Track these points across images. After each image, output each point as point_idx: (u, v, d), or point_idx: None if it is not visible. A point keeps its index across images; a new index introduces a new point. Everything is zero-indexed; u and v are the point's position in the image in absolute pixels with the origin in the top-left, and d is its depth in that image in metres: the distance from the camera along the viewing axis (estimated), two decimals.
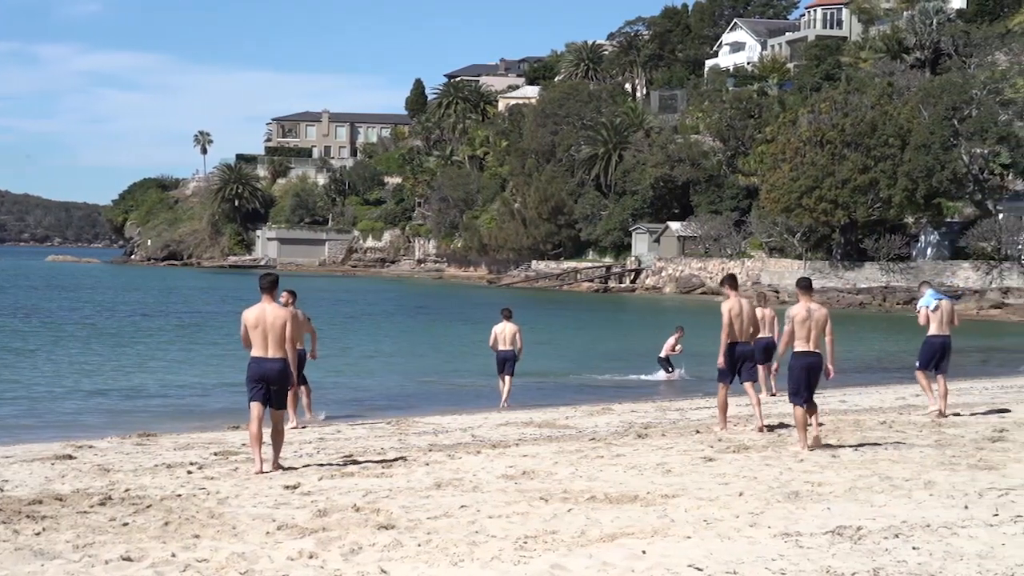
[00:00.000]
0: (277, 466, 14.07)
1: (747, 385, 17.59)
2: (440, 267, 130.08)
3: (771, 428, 17.61)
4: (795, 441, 15.52)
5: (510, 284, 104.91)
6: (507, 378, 24.24)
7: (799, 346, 15.29)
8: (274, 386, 13.89)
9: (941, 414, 19.16)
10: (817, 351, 15.28)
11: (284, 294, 18.75)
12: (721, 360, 17.16)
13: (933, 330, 19.44)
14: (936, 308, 19.41)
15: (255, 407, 13.91)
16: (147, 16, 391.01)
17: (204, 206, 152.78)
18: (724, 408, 17.67)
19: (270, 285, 14.02)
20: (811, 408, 15.34)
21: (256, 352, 13.83)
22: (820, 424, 15.78)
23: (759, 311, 20.60)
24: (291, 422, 18.94)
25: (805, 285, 15.67)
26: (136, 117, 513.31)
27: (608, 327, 57.57)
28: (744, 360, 17.35)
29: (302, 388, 20.46)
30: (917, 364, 19.72)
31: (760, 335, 20.04)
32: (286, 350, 13.88)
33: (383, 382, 30.45)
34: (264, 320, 13.80)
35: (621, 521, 10.63)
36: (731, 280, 17.56)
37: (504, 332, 24.14)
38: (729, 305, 17.14)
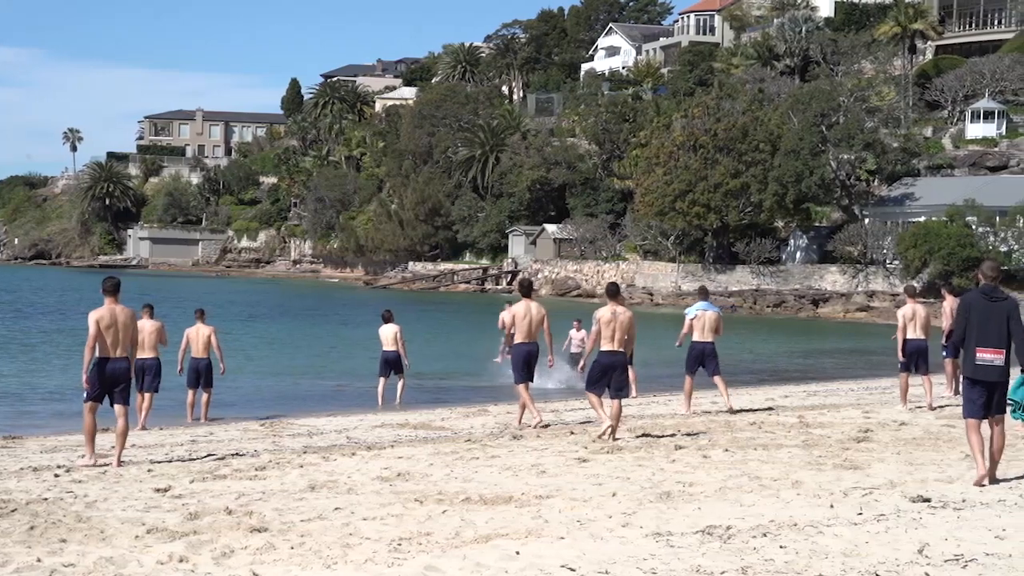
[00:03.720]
0: (120, 463, 14.41)
1: (522, 385, 18.91)
2: (316, 268, 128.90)
3: (547, 425, 18.72)
4: (597, 421, 17.18)
5: (387, 285, 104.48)
6: (387, 379, 24.86)
7: (604, 345, 16.75)
8: (121, 385, 14.43)
9: (731, 409, 20.81)
10: (620, 350, 16.75)
11: (144, 308, 20.15)
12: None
13: (696, 337, 20.96)
14: (696, 317, 20.86)
15: (93, 405, 14.44)
16: (16, 9, 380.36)
17: (74, 204, 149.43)
18: (524, 403, 19.13)
19: (114, 288, 14.54)
20: (616, 401, 16.70)
21: (105, 352, 14.29)
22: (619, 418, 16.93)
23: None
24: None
25: (613, 291, 17.11)
26: (3, 113, 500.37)
27: (484, 328, 57.58)
28: (534, 360, 18.81)
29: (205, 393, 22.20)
30: (686, 369, 21.18)
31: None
32: (129, 351, 14.53)
33: (256, 383, 30.10)
34: (116, 321, 14.32)
35: (495, 522, 10.67)
36: (523, 286, 19.27)
37: (386, 333, 24.59)
38: (514, 310, 18.61)
